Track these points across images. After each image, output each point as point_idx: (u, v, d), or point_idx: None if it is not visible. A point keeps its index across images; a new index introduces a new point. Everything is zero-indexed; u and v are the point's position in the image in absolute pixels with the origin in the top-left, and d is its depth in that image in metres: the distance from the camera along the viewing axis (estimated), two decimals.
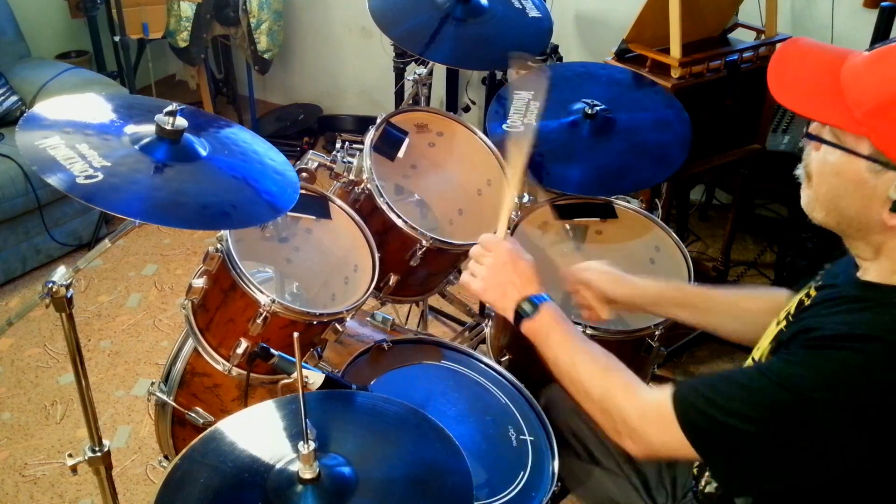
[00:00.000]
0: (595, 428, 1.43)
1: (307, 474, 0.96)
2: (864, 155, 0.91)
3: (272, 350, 1.23)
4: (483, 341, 1.91)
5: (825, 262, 1.16)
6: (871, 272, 1.00)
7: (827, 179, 0.97)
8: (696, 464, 1.29)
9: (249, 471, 1.00)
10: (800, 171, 1.03)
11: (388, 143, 1.80)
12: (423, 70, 1.96)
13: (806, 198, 1.02)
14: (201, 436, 1.06)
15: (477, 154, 1.87)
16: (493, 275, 1.26)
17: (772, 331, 1.13)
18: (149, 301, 2.80)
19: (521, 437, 1.40)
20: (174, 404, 1.62)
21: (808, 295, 1.09)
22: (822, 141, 0.96)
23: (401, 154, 1.82)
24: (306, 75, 4.14)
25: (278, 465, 0.99)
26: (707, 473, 1.23)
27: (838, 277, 1.06)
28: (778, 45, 1.05)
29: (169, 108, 1.23)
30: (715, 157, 2.40)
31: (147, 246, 3.10)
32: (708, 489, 1.22)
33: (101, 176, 1.12)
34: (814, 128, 0.98)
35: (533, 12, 1.95)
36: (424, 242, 1.64)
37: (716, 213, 3.28)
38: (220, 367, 1.52)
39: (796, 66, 1.00)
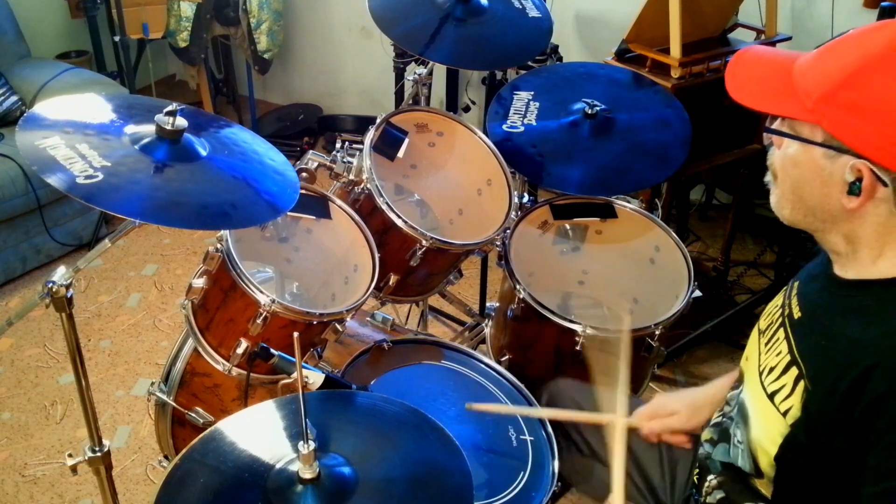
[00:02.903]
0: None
1: (307, 474, 0.96)
2: (819, 142, 0.95)
3: (272, 350, 1.23)
4: (483, 341, 1.91)
5: None
6: (850, 268, 1.00)
7: (789, 172, 1.00)
8: (696, 471, 1.28)
9: (249, 471, 1.00)
10: (768, 177, 1.06)
11: (388, 143, 1.80)
12: (423, 70, 1.96)
13: (774, 197, 1.05)
14: (201, 436, 1.06)
15: (477, 154, 1.87)
16: None
17: (764, 344, 1.11)
18: (149, 301, 2.80)
19: (521, 437, 1.40)
20: (174, 404, 1.62)
21: (788, 303, 1.09)
22: (779, 133, 1.00)
23: (401, 154, 1.82)
24: (306, 75, 4.14)
25: (278, 465, 0.99)
26: (708, 483, 1.21)
27: (818, 279, 1.07)
28: (738, 51, 1.09)
29: (169, 108, 1.23)
30: (715, 156, 2.40)
31: (147, 246, 3.10)
32: (710, 500, 1.20)
33: (101, 176, 1.12)
34: (771, 122, 1.02)
35: (533, 12, 1.96)
36: (424, 242, 1.63)
37: (716, 213, 3.28)
38: (220, 367, 1.52)
39: (751, 68, 1.04)
